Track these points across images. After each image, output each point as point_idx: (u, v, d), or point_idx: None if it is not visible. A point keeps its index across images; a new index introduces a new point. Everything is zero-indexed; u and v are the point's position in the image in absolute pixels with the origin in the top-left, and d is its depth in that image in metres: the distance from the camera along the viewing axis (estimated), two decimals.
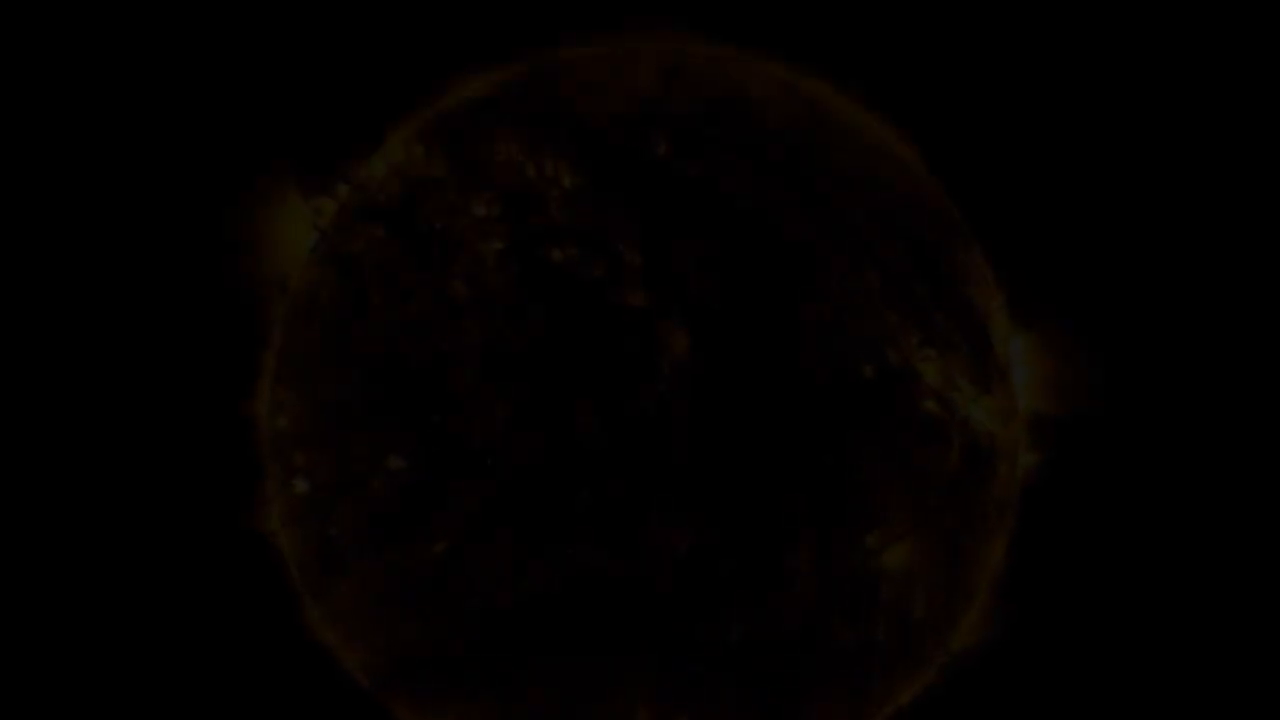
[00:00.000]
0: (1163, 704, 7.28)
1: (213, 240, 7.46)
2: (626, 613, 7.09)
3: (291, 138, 7.54)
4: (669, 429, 7.01)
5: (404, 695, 7.42)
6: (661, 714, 7.20)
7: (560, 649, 7.12)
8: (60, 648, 7.39)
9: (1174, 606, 7.28)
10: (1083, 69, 7.23)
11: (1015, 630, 7.32)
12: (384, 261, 7.37)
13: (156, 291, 7.37)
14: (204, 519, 7.39)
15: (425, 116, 7.65)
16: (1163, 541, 7.21)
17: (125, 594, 7.33)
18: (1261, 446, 7.23)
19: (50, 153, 7.33)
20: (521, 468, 7.04)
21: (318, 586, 7.55)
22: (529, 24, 7.52)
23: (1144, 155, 7.30)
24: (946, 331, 7.31)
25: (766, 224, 7.15)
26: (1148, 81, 7.30)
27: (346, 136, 7.60)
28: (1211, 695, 7.28)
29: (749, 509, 7.07)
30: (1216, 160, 7.24)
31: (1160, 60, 7.27)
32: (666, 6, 7.42)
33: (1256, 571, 7.22)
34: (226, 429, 7.47)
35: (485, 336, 7.09)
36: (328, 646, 7.58)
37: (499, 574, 7.13)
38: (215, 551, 7.40)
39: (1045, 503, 7.37)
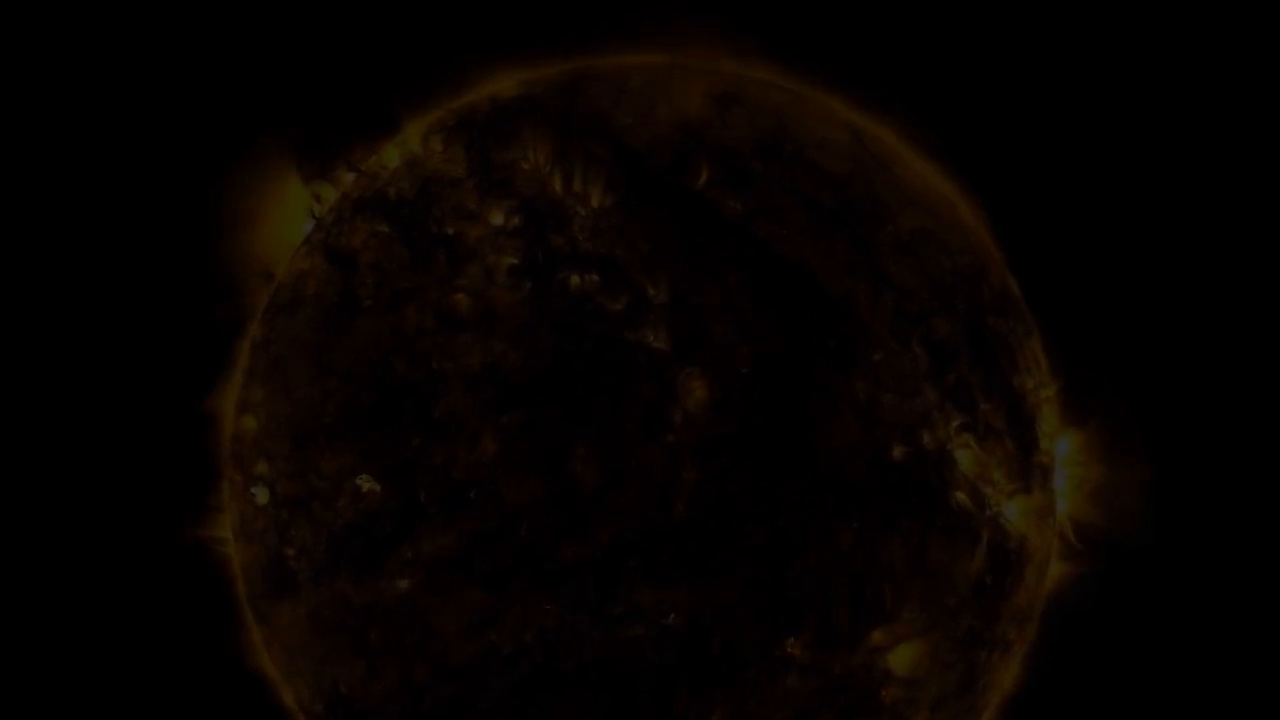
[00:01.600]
0: None
1: (196, 212, 7.01)
2: (598, 683, 6.65)
3: (297, 107, 7.12)
4: (672, 487, 6.59)
5: None
6: None
7: (518, 715, 6.64)
8: None
9: None
10: (1174, 155, 6.83)
11: None
12: (384, 261, 6.96)
13: (124, 260, 6.91)
14: (147, 519, 6.94)
15: (448, 109, 7.27)
16: (1195, 687, 6.76)
17: (49, 597, 6.85)
18: None
19: (28, 103, 6.86)
20: (506, 508, 6.63)
21: (265, 609, 7.12)
22: (571, 21, 7.09)
23: (1226, 249, 6.90)
24: (990, 419, 6.91)
25: (808, 277, 6.72)
26: (1238, 177, 6.91)
27: (360, 117, 7.16)
28: None
29: (748, 585, 6.62)
30: None
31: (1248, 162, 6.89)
32: (725, 17, 6.97)
33: None
34: (184, 423, 7.02)
35: (485, 359, 6.66)
36: (266, 676, 7.15)
37: (463, 622, 6.72)
38: (156, 556, 6.95)
39: (1072, 621, 6.95)
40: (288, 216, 7.14)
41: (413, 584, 6.70)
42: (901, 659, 6.84)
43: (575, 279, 6.74)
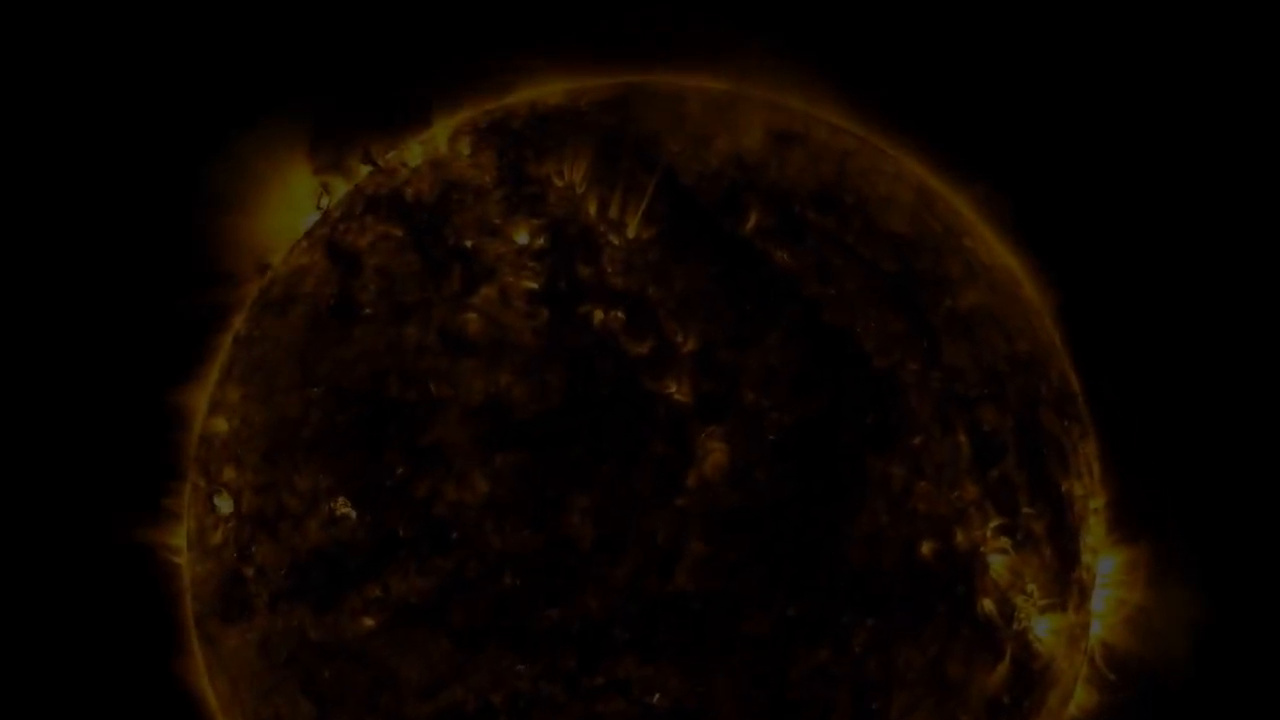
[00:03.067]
0: None
1: (190, 187, 6.55)
2: None
3: (316, 84, 6.66)
4: (676, 556, 6.22)
5: None
6: None
7: None
8: None
9: None
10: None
11: None
12: (391, 267, 6.60)
13: (102, 233, 6.43)
14: (93, 516, 6.49)
15: (483, 109, 6.85)
16: None
17: None
18: None
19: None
20: (490, 556, 6.25)
21: (212, 630, 6.72)
22: (630, 30, 6.63)
23: None
24: (1031, 524, 6.54)
25: (854, 345, 6.32)
26: None
27: (385, 103, 6.69)
28: None
29: (745, 674, 6.25)
30: None
31: None
32: (798, 47, 6.52)
33: None
34: (148, 414, 6.55)
35: (488, 389, 6.29)
36: (205, 703, 6.69)
37: (427, 674, 6.35)
38: (99, 558, 6.50)
39: None
40: (292, 204, 6.72)
41: (378, 625, 6.34)
42: None
43: (598, 314, 6.34)
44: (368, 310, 6.55)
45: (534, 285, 6.47)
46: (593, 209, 6.56)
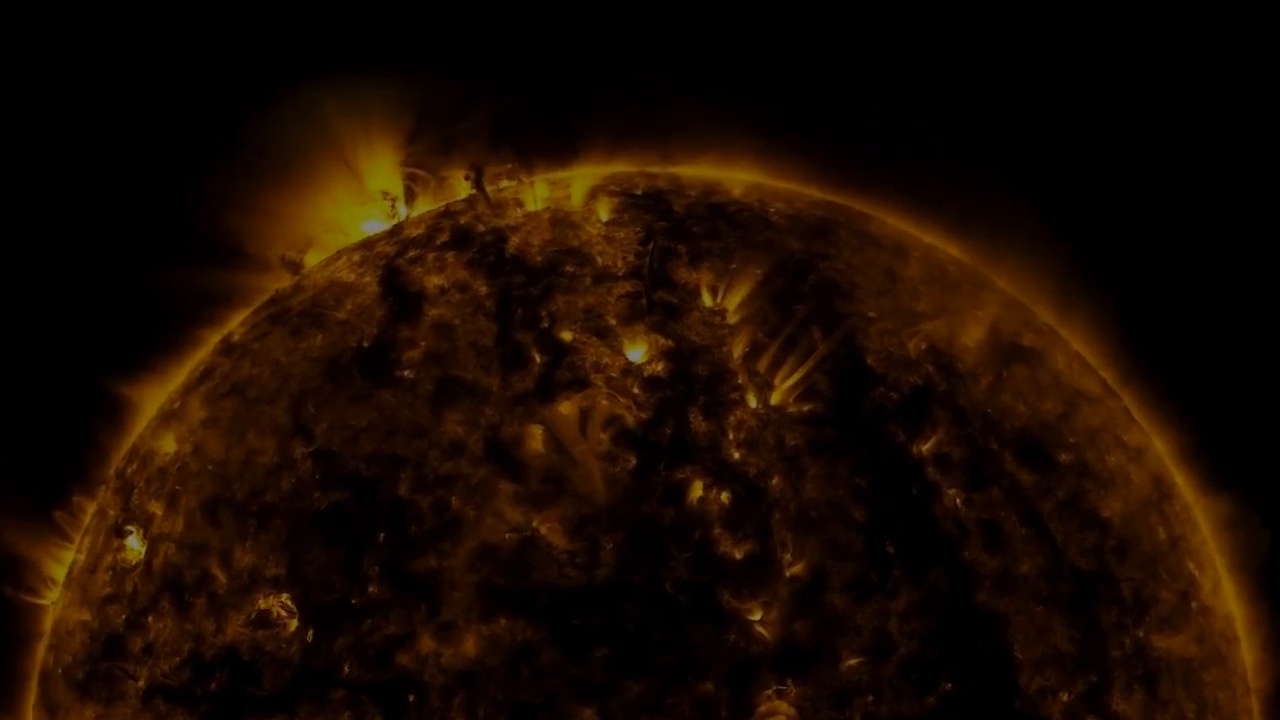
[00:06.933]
0: None
1: (230, 132, 5.24)
2: None
3: (444, 47, 5.43)
4: None
5: None
6: None
7: None
8: None
9: None
10: None
11: None
12: (458, 328, 5.42)
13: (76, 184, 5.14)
14: None
15: (643, 170, 5.52)
16: None
17: None
18: None
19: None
20: None
21: (60, 699, 5.55)
22: (868, 140, 5.31)
23: None
24: None
25: (1000, 647, 5.13)
26: None
27: (526, 112, 5.37)
28: None
29: None
30: None
31: None
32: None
33: None
34: (72, 393, 5.24)
35: (523, 531, 5.27)
36: None
37: None
38: None
39: None
40: (358, 197, 5.38)
41: None
42: None
43: (698, 487, 5.18)
44: (406, 373, 5.41)
45: (630, 420, 5.24)
46: (738, 350, 5.45)
